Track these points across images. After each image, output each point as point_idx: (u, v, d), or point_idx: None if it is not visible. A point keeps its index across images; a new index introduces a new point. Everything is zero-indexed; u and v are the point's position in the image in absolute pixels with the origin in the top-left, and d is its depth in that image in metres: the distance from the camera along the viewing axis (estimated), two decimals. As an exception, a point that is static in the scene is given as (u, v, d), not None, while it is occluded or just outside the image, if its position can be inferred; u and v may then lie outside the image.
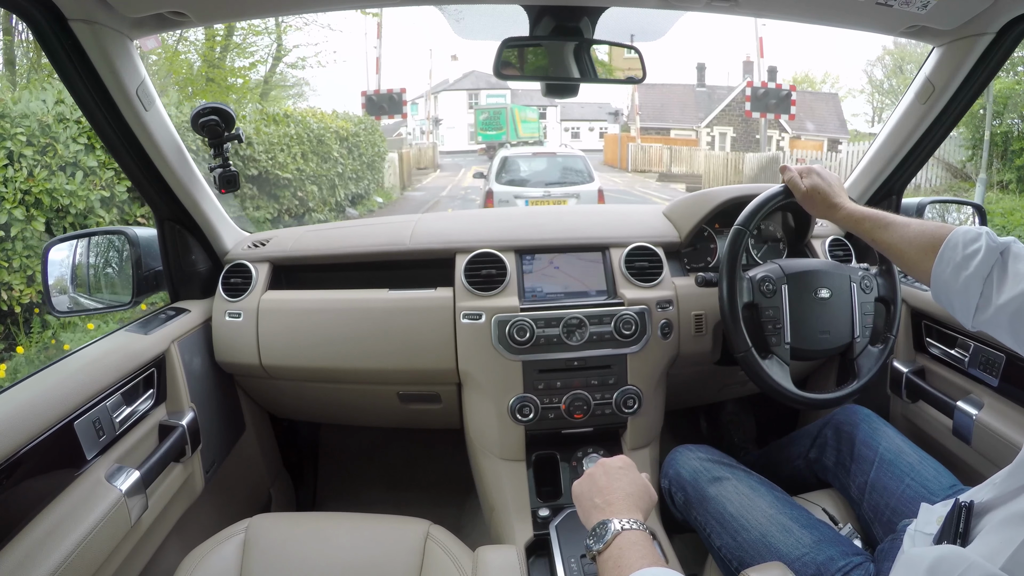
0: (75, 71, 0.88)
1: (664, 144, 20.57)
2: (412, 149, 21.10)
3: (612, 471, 0.74)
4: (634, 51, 1.00)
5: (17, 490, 0.71)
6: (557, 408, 1.11)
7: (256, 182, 6.35)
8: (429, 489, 1.66)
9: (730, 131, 22.85)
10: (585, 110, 31.98)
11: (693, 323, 1.16)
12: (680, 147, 19.77)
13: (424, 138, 28.88)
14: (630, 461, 0.77)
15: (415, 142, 25.46)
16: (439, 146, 28.45)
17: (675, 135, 23.81)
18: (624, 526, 0.63)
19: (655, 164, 19.30)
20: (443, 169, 21.66)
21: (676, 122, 24.34)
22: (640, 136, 23.26)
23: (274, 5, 0.94)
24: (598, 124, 32.01)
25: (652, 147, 20.36)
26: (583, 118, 32.16)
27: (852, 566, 0.80)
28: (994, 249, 0.69)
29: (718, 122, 23.04)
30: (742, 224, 1.02)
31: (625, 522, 0.64)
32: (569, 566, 0.94)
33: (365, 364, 1.16)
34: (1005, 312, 0.66)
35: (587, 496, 0.72)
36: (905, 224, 0.82)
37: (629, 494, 0.70)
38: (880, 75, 24.82)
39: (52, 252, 1.12)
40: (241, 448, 1.32)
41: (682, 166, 17.97)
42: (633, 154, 20.90)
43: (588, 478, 0.75)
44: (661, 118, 24.39)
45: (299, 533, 0.88)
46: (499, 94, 28.92)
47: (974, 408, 1.03)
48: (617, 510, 0.67)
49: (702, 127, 23.35)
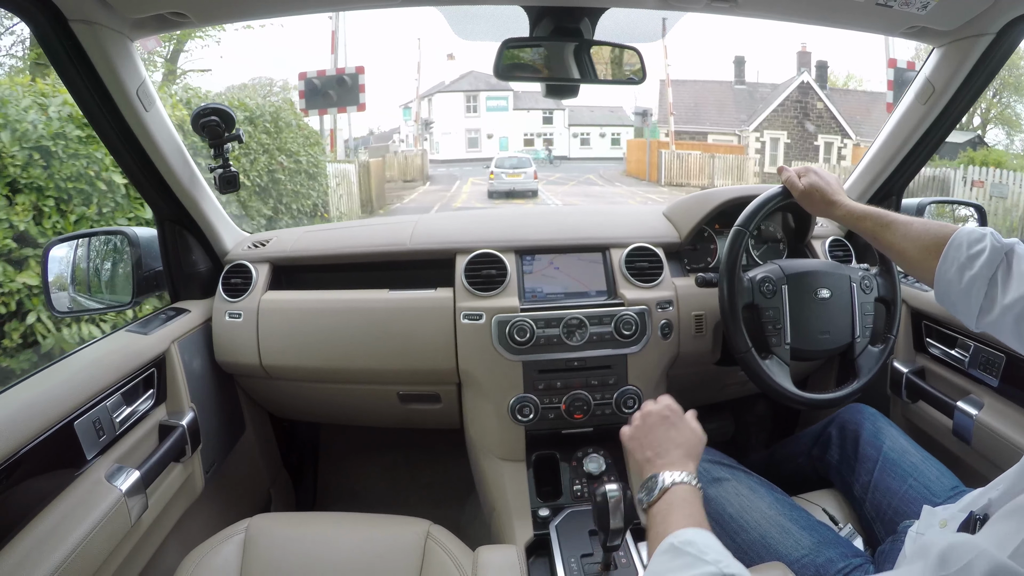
0: (75, 71, 0.88)
1: (704, 151, 17.24)
2: (397, 158, 18.54)
3: (659, 422, 0.75)
4: (634, 51, 1.00)
5: (17, 490, 0.71)
6: (557, 408, 1.11)
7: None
8: (429, 489, 1.66)
9: (783, 136, 18.96)
10: (595, 114, 28.61)
11: (693, 323, 1.16)
12: (724, 155, 16.68)
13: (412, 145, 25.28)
14: (675, 406, 0.78)
15: (400, 149, 22.70)
16: (432, 154, 25.43)
17: (712, 140, 19.99)
18: (674, 480, 0.65)
19: (695, 176, 16.12)
20: (434, 181, 18.28)
21: (713, 124, 20.39)
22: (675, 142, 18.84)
23: (274, 5, 0.94)
24: (609, 129, 28.60)
25: (691, 155, 16.88)
26: (593, 123, 28.59)
27: (852, 568, 0.80)
28: (999, 249, 0.69)
29: (768, 125, 19.09)
30: (742, 224, 1.02)
31: (676, 475, 0.66)
32: (569, 566, 0.94)
33: (365, 364, 1.16)
34: (1011, 313, 0.65)
35: (639, 450, 0.74)
36: (907, 223, 0.81)
37: (678, 444, 0.72)
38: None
39: (52, 252, 1.12)
40: (241, 448, 1.32)
41: (727, 178, 14.91)
42: (668, 163, 17.09)
43: (637, 430, 0.76)
44: (696, 120, 20.51)
45: (299, 533, 0.89)
46: (500, 96, 27.00)
47: (974, 408, 1.03)
48: (667, 462, 0.69)
49: (750, 131, 19.28)
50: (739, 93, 20.89)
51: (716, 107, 20.79)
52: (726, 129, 20.07)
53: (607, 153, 27.78)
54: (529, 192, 14.23)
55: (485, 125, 28.09)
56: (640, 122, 23.22)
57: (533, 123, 28.19)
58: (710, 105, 20.83)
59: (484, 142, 27.80)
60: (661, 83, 20.54)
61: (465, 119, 28.04)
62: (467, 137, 27.91)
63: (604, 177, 20.15)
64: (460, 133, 28.00)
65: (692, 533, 0.56)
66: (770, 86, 20.69)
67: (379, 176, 12.21)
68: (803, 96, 19.32)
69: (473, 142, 27.85)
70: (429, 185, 17.40)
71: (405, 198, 14.06)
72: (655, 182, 17.19)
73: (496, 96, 27.12)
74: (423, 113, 27.47)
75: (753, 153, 18.51)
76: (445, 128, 27.83)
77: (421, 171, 18.47)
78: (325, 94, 8.77)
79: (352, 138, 15.50)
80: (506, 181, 14.29)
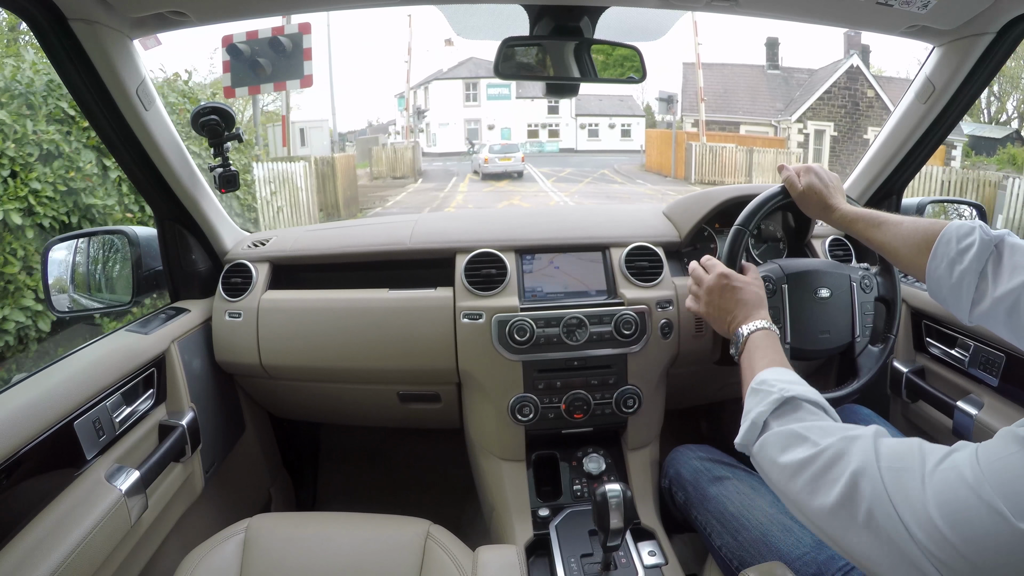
0: (75, 71, 0.88)
1: (738, 144, 14.73)
2: (385, 151, 16.64)
3: (720, 291, 0.89)
4: (634, 50, 1.00)
5: (17, 490, 0.71)
6: (557, 408, 1.11)
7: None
8: (429, 489, 1.66)
9: (829, 128, 16.49)
10: (604, 104, 26.09)
11: (693, 323, 1.16)
12: (763, 148, 14.13)
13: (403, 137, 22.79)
14: (724, 269, 0.91)
15: (389, 142, 20.07)
16: (428, 147, 23.46)
17: (745, 131, 17.36)
18: (750, 329, 0.82)
19: (730, 173, 13.97)
20: (427, 178, 16.58)
21: (746, 113, 17.87)
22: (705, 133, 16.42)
23: (274, 5, 0.94)
24: (619, 120, 26.17)
25: (725, 148, 14.46)
26: (602, 113, 26.16)
27: (852, 566, 0.80)
28: (988, 242, 0.69)
29: (813, 115, 16.48)
30: (742, 224, 1.02)
31: (750, 325, 0.82)
32: (569, 566, 0.94)
33: (365, 364, 1.16)
34: (1002, 305, 0.65)
35: (719, 320, 0.89)
36: (898, 222, 0.82)
37: (745, 302, 0.86)
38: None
39: (52, 252, 1.12)
40: (241, 448, 1.32)
41: (767, 176, 12.78)
42: (699, 157, 14.64)
43: (707, 306, 0.91)
44: (727, 108, 17.99)
45: (299, 533, 0.88)
46: (502, 84, 23.57)
47: (974, 408, 1.03)
48: (743, 318, 0.84)
49: (792, 121, 16.61)
50: (772, 78, 18.38)
51: (748, 94, 18.27)
52: (760, 119, 17.69)
53: (617, 145, 25.59)
54: (515, 173, 16.46)
55: (486, 115, 25.94)
56: (665, 109, 19.99)
57: (537, 113, 26.13)
58: (741, 92, 18.36)
59: (485, 133, 25.53)
60: (684, 66, 18.61)
61: (464, 109, 25.91)
62: (466, 128, 25.60)
63: (622, 173, 18.26)
64: (459, 124, 25.87)
65: (766, 373, 0.72)
66: (806, 71, 18.25)
67: (348, 175, 10.20)
68: (852, 83, 16.62)
69: (473, 133, 25.30)
70: (421, 182, 15.88)
71: (389, 200, 12.04)
72: (682, 179, 14.99)
73: (498, 84, 24.01)
74: (419, 102, 25.44)
75: (795, 147, 15.98)
76: (442, 118, 25.81)
77: (412, 166, 16.61)
78: (255, 64, 6.33)
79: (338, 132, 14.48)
80: (499, 164, 16.41)
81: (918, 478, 0.48)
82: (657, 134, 19.23)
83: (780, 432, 0.63)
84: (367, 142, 19.53)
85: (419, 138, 23.84)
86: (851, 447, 0.54)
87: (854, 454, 0.53)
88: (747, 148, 14.24)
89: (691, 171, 14.90)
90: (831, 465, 0.54)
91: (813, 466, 0.56)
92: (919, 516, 0.46)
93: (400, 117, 25.84)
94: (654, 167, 18.20)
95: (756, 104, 18.16)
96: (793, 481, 0.58)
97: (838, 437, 0.56)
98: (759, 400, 0.68)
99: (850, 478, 0.52)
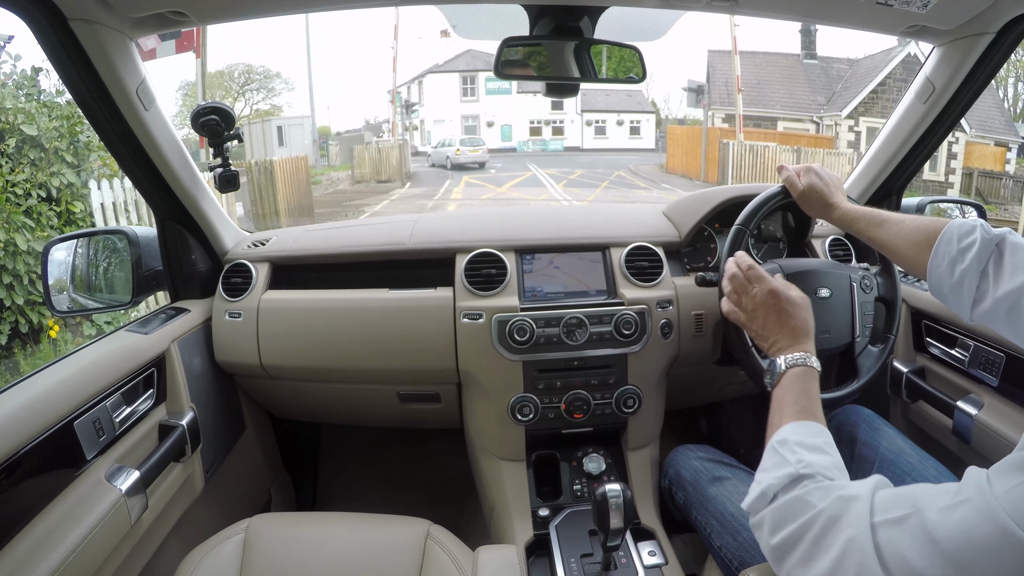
0: (75, 71, 0.88)
1: (780, 143, 12.95)
2: (369, 151, 14.72)
3: (766, 311, 0.80)
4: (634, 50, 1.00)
5: (17, 490, 0.71)
6: (557, 408, 1.11)
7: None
8: (429, 489, 1.66)
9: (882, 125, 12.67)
10: (611, 99, 24.33)
11: (693, 323, 1.15)
12: (810, 148, 12.39)
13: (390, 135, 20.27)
14: (774, 285, 0.81)
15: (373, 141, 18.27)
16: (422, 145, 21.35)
17: (783, 128, 15.47)
18: (790, 363, 0.73)
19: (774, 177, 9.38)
20: (416, 182, 14.47)
21: (784, 108, 15.78)
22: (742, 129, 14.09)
23: (274, 5, 0.94)
24: (628, 116, 24.36)
25: (768, 147, 12.35)
26: (609, 109, 24.35)
27: None
28: (989, 241, 0.69)
29: (866, 110, 14.42)
30: (742, 223, 1.02)
31: (792, 358, 0.73)
32: (569, 566, 0.94)
33: (365, 364, 1.16)
34: (1003, 304, 0.65)
35: (760, 337, 0.81)
36: (899, 221, 0.82)
37: (793, 329, 0.77)
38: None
39: (52, 252, 1.12)
40: (241, 448, 1.32)
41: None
42: (736, 158, 12.51)
43: (751, 322, 0.82)
44: (761, 101, 15.93)
45: (299, 533, 0.88)
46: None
47: (974, 408, 1.03)
48: (785, 346, 0.76)
49: (843, 117, 14.50)
50: (811, 69, 16.38)
51: (785, 86, 16.09)
52: (800, 114, 15.61)
53: (627, 144, 23.89)
54: (477, 164, 18.08)
55: (485, 111, 23.91)
56: (694, 101, 17.29)
57: (540, 109, 23.79)
58: (777, 83, 16.20)
59: (484, 131, 23.31)
60: (710, 54, 16.89)
61: (461, 104, 23.81)
62: (463, 125, 23.34)
63: (640, 175, 16.16)
64: (455, 120, 23.47)
65: (791, 431, 0.65)
66: (846, 61, 16.30)
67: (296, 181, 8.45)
68: (910, 74, 13.35)
69: (471, 131, 22.80)
70: (409, 187, 13.77)
71: (365, 210, 9.86)
72: (715, 183, 12.45)
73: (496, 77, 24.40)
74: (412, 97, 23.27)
75: (845, 147, 13.93)
76: (438, 115, 23.48)
77: (399, 168, 14.53)
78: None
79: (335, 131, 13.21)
80: (468, 156, 18.16)
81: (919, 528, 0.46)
82: (681, 131, 17.30)
83: (779, 506, 0.59)
84: (350, 140, 17.70)
85: (411, 136, 22.02)
86: (847, 510, 0.52)
87: (849, 519, 0.51)
88: (792, 148, 12.34)
89: (727, 173, 12.63)
90: (824, 533, 0.52)
91: (808, 534, 0.54)
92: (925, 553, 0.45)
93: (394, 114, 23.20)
94: (678, 168, 16.10)
95: (794, 97, 16.09)
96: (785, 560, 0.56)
97: (833, 498, 0.54)
98: (775, 464, 0.62)
99: (843, 546, 0.50)
